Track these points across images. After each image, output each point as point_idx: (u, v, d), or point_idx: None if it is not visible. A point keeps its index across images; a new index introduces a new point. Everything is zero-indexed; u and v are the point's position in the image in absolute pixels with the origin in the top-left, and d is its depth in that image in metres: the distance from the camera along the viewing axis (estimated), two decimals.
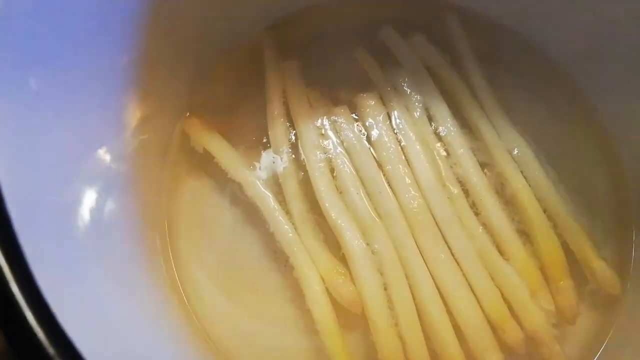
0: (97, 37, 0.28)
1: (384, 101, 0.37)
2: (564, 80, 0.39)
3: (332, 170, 0.35)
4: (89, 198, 0.29)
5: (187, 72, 0.37)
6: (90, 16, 0.27)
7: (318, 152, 0.35)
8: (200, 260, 0.36)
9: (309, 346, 0.34)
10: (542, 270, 0.33)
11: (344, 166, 0.35)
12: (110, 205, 0.31)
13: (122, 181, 0.32)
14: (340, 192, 0.35)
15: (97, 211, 0.29)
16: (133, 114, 0.33)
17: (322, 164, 0.35)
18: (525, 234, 0.35)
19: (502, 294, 0.32)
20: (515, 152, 0.36)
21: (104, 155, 0.30)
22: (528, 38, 0.39)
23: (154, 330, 0.31)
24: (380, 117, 0.36)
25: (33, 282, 0.21)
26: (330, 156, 0.35)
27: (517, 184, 0.35)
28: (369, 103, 0.37)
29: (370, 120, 0.36)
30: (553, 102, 0.38)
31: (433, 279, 0.32)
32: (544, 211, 0.34)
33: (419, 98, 0.37)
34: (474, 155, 0.36)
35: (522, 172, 0.35)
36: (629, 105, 0.35)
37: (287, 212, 0.35)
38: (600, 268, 0.33)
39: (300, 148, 0.36)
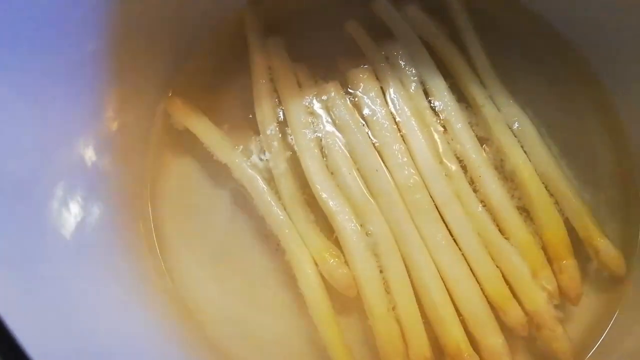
0: (62, 19, 0.27)
1: (377, 75, 0.36)
2: (566, 49, 0.37)
3: (322, 149, 0.34)
4: (66, 188, 0.27)
5: (167, 51, 0.35)
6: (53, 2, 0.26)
7: (307, 132, 0.34)
8: (188, 246, 0.35)
9: (303, 331, 0.33)
10: (544, 249, 0.32)
11: (335, 145, 0.34)
12: (88, 197, 0.29)
13: (100, 170, 0.31)
14: (332, 173, 0.33)
15: (74, 201, 0.28)
16: (110, 97, 0.32)
17: (312, 144, 0.34)
18: (526, 211, 0.33)
19: (502, 274, 0.31)
20: (516, 126, 0.34)
21: (80, 141, 0.29)
22: (528, 5, 0.37)
23: (140, 321, 0.30)
24: (374, 92, 0.35)
25: None
26: (320, 135, 0.34)
27: (517, 160, 0.33)
28: (362, 77, 0.35)
29: (363, 95, 0.35)
30: (555, 73, 0.37)
31: (431, 259, 0.31)
32: (546, 187, 0.33)
33: (414, 71, 0.35)
34: (472, 129, 0.34)
35: (522, 146, 0.34)
36: (633, 74, 0.34)
37: (277, 193, 0.33)
38: (605, 247, 0.32)
39: (288, 127, 0.35)
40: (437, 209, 0.32)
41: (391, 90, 0.35)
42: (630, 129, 0.35)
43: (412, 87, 0.35)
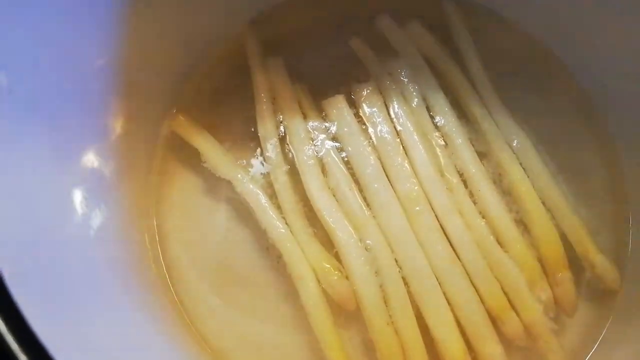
0: (71, 36, 0.27)
1: (380, 91, 0.36)
2: (562, 70, 0.38)
3: (323, 166, 0.34)
4: (73, 202, 0.27)
5: (171, 69, 0.36)
6: (64, 16, 0.26)
7: (308, 149, 0.34)
8: (192, 260, 0.35)
9: (305, 344, 0.33)
10: (541, 261, 0.33)
11: (335, 163, 0.34)
12: (96, 208, 0.29)
13: (108, 183, 0.31)
14: (332, 189, 0.34)
15: (82, 215, 0.28)
16: (116, 114, 0.32)
17: (312, 161, 0.34)
18: (523, 224, 0.34)
19: (500, 285, 0.32)
20: (515, 143, 0.35)
21: (87, 156, 0.29)
22: (527, 27, 0.38)
23: (145, 333, 0.30)
24: (377, 107, 0.35)
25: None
26: (321, 153, 0.34)
27: (515, 175, 0.34)
28: (365, 92, 0.35)
29: (367, 109, 0.35)
30: (551, 92, 0.37)
31: (431, 270, 0.32)
32: (543, 202, 0.34)
33: (416, 88, 0.36)
34: (472, 145, 0.35)
35: (520, 162, 0.34)
36: (623, 92, 0.35)
37: (279, 207, 0.34)
38: (601, 262, 0.33)
39: (289, 144, 0.35)
40: (438, 221, 0.33)
41: (394, 105, 0.35)
42: (620, 145, 0.36)
43: (415, 103, 0.35)
